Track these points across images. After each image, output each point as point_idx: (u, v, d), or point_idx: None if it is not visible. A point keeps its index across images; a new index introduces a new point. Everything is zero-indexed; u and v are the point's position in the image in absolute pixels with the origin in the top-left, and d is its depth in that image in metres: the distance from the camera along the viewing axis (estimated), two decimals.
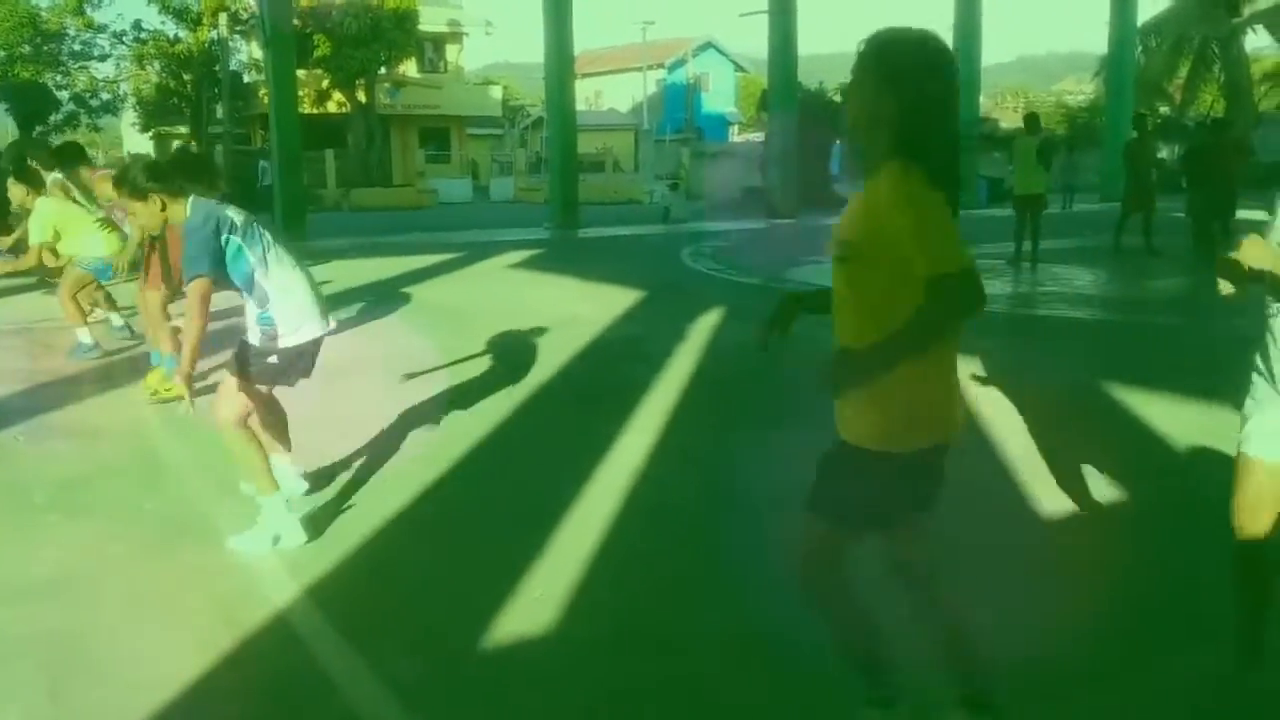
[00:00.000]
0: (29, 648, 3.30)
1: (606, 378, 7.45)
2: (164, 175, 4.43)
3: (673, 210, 23.94)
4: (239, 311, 4.31)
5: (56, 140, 36.82)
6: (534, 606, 3.54)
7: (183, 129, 44.22)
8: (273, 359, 4.23)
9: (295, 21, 26.94)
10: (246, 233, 4.17)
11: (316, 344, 4.35)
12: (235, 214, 4.22)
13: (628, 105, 56.05)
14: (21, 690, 3.07)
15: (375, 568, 4.00)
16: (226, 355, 4.54)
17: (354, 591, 3.78)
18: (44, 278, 9.92)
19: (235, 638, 3.33)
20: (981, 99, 29.16)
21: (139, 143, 45.74)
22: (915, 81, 2.25)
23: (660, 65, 56.39)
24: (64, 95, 40.96)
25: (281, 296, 4.20)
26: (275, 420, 4.61)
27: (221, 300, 4.18)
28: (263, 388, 4.33)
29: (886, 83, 2.25)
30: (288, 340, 4.22)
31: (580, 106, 25.73)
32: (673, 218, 23.43)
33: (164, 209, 4.39)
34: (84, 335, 8.10)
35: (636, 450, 5.44)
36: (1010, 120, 46.42)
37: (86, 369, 7.76)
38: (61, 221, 7.72)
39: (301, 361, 4.32)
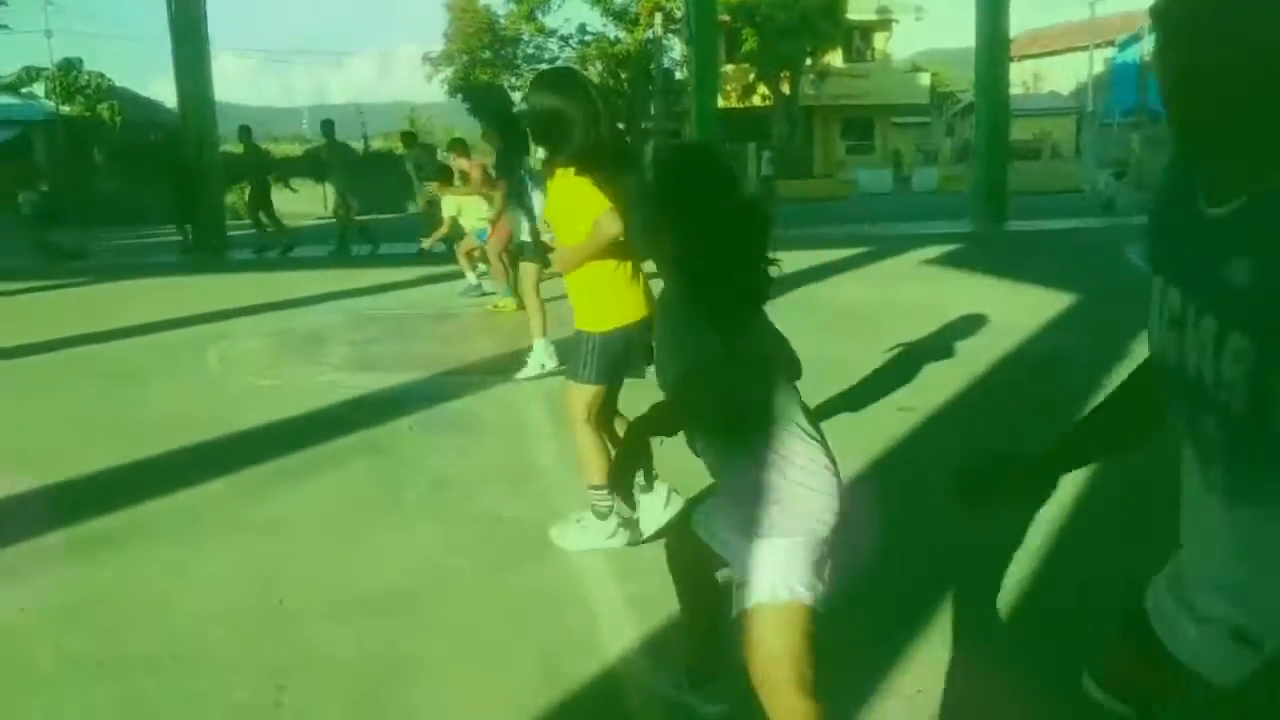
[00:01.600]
0: (344, 671, 3.08)
1: (1025, 395, 6.35)
2: (507, 124, 8.01)
3: (1118, 201, 21.39)
4: None
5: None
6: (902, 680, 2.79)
7: (620, 125, 46.84)
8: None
9: (724, 17, 27.36)
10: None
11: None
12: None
13: (1070, 87, 51.92)
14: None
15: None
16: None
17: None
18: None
19: (553, 696, 2.91)
20: None
21: None
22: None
23: (1109, 43, 51.49)
24: (517, 96, 44.85)
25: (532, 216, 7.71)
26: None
27: None
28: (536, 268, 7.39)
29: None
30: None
31: (1015, 90, 23.83)
32: (1118, 210, 20.91)
33: (484, 136, 7.88)
34: (471, 278, 11.48)
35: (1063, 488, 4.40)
36: None
37: (486, 360, 7.91)
38: (457, 204, 11.46)
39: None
